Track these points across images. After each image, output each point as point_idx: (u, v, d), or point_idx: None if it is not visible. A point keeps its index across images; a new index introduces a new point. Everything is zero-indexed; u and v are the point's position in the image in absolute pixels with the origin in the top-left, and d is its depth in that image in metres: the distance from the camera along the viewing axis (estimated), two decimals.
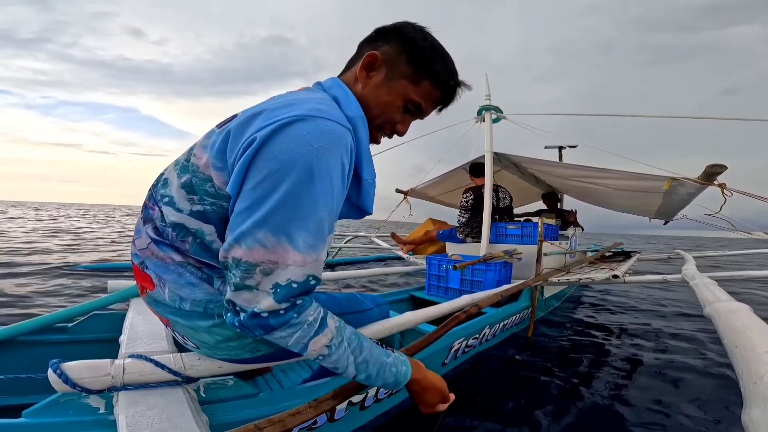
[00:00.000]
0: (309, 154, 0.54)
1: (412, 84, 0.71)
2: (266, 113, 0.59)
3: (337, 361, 0.62)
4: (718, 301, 0.97)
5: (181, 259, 0.66)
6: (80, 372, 0.69)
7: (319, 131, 0.55)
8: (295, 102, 0.60)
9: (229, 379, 0.86)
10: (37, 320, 1.13)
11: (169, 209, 0.66)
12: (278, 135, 0.54)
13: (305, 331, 0.58)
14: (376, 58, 0.70)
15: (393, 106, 0.72)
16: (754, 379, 0.48)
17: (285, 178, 0.53)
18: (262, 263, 0.53)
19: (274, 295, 0.54)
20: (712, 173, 1.95)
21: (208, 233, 0.64)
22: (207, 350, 0.75)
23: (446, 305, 1.37)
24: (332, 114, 0.60)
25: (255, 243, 0.53)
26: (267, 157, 0.54)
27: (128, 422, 0.62)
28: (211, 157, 0.61)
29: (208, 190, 0.62)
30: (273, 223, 0.53)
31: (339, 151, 0.57)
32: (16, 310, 2.29)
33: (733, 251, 3.77)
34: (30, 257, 4.47)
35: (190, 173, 0.64)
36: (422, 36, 0.70)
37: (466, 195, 2.91)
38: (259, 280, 0.54)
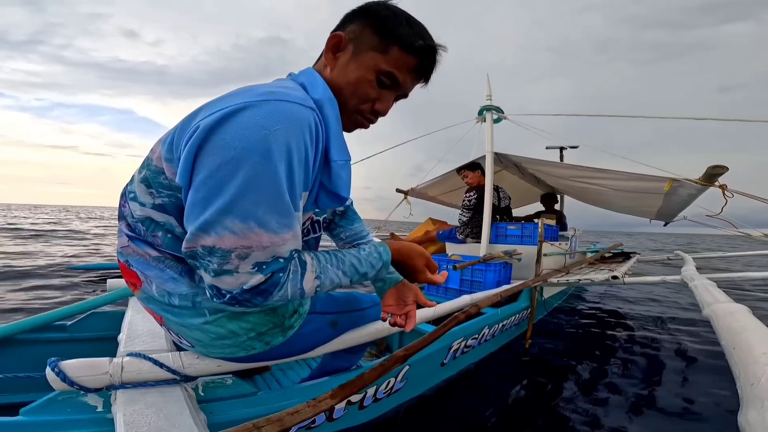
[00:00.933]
0: (266, 138, 0.52)
1: (380, 54, 0.67)
2: (215, 101, 0.57)
3: (332, 283, 0.66)
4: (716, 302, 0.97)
5: (157, 254, 0.66)
6: (78, 370, 0.69)
7: (274, 114, 0.53)
8: (249, 89, 0.58)
9: (227, 378, 0.86)
10: (36, 318, 1.13)
11: (134, 204, 0.66)
12: (228, 122, 0.52)
13: (294, 280, 0.60)
14: (340, 38, 0.67)
15: (364, 81, 0.67)
16: (751, 380, 0.48)
17: (242, 164, 0.52)
18: (235, 249, 0.54)
19: (261, 271, 0.56)
20: (713, 174, 1.94)
21: (175, 225, 0.64)
22: (202, 348, 0.75)
23: (446, 305, 1.37)
24: (290, 95, 0.57)
25: (224, 230, 0.53)
26: (219, 145, 0.52)
27: (126, 420, 0.62)
28: (162, 149, 0.61)
29: (162, 182, 0.61)
30: (239, 209, 0.52)
31: (299, 132, 0.55)
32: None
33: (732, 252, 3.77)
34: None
35: (147, 168, 0.64)
36: (383, 6, 0.68)
37: (470, 194, 2.90)
38: (237, 264, 0.55)
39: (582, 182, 3.00)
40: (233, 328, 0.70)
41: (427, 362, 1.35)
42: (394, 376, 1.16)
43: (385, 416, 1.20)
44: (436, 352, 1.37)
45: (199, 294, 0.66)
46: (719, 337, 0.75)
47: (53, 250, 5.49)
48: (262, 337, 0.74)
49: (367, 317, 1.00)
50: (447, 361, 1.47)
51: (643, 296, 3.83)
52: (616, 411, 1.40)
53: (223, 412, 0.80)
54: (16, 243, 6.17)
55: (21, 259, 4.40)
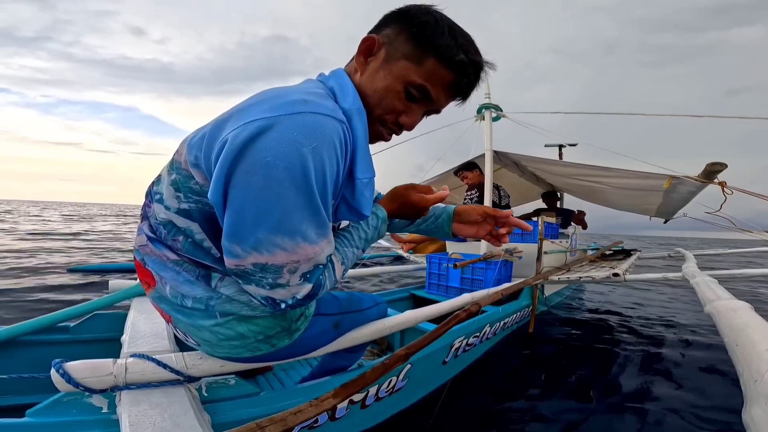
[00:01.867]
0: (305, 156, 0.51)
1: (413, 64, 0.61)
2: (244, 111, 0.55)
3: (351, 261, 0.71)
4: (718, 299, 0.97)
5: (176, 258, 0.66)
6: (83, 371, 0.69)
7: (308, 128, 0.52)
8: (279, 95, 0.56)
9: (230, 378, 0.86)
10: (39, 320, 1.14)
11: (159, 207, 0.65)
12: (264, 138, 0.51)
13: (331, 277, 0.65)
14: (374, 42, 0.63)
15: (392, 91, 0.63)
16: (754, 377, 0.48)
17: (286, 183, 0.51)
18: (287, 264, 0.56)
19: (308, 281, 0.60)
20: (712, 171, 1.95)
21: (197, 231, 0.64)
22: (208, 348, 0.75)
23: (447, 304, 1.37)
24: (321, 106, 0.55)
25: (276, 248, 0.54)
26: (260, 164, 0.51)
27: (131, 421, 0.62)
28: (189, 154, 0.60)
29: (192, 187, 0.61)
30: (287, 227, 0.54)
31: (332, 147, 0.54)
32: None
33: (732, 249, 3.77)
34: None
35: (176, 171, 0.63)
36: (425, 10, 0.62)
37: (471, 192, 2.90)
38: (288, 278, 0.57)
39: (581, 180, 3.00)
40: (242, 331, 0.70)
41: (429, 361, 1.35)
42: (395, 375, 1.16)
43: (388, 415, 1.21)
44: (438, 350, 1.37)
45: (213, 298, 0.67)
46: (722, 334, 0.75)
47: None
48: (269, 340, 0.74)
49: (367, 317, 1.01)
50: (449, 360, 1.48)
51: (644, 293, 3.83)
52: (618, 408, 1.40)
53: (227, 413, 0.80)
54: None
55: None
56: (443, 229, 0.91)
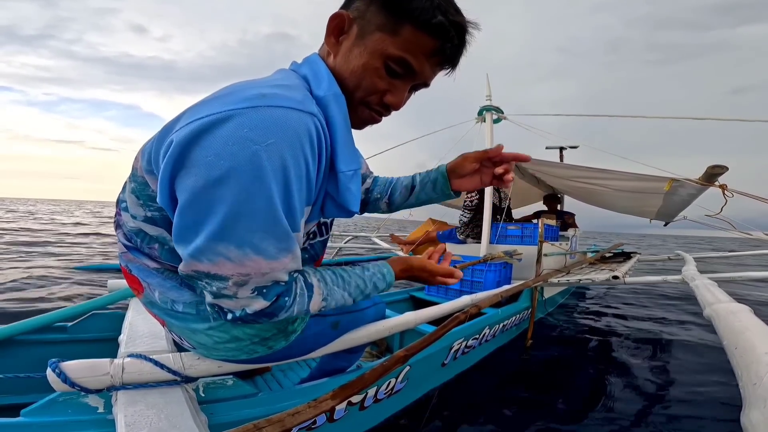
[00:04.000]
0: (257, 154, 0.45)
1: (389, 35, 0.55)
2: (198, 107, 0.50)
3: (336, 303, 0.66)
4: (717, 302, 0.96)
5: (155, 266, 0.65)
6: (79, 371, 0.69)
7: (265, 124, 0.46)
8: (238, 89, 0.50)
9: (228, 379, 0.86)
10: (37, 319, 1.13)
11: (126, 215, 0.63)
12: (209, 136, 0.46)
13: (301, 303, 0.59)
14: (343, 18, 0.57)
15: (370, 69, 0.57)
16: (753, 380, 0.48)
17: (231, 186, 0.46)
18: (232, 276, 0.50)
19: (263, 296, 0.53)
20: (713, 174, 1.94)
21: (169, 239, 0.60)
22: (204, 351, 0.74)
23: (446, 305, 1.37)
24: (283, 98, 0.49)
25: (218, 257, 0.49)
26: (202, 164, 0.46)
27: (127, 421, 0.62)
28: (143, 160, 0.57)
29: (150, 194, 0.57)
30: (232, 235, 0.48)
31: (296, 144, 0.48)
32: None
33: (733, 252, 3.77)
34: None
35: (133, 178, 0.61)
36: None
37: (471, 195, 2.90)
38: (236, 291, 0.52)
39: (582, 182, 3.00)
40: (237, 334, 0.69)
41: (428, 363, 1.35)
42: (394, 377, 1.15)
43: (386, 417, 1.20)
44: (437, 352, 1.37)
45: (202, 302, 0.65)
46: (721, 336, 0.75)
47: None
48: (265, 342, 0.73)
49: (366, 317, 1.00)
50: (448, 362, 1.47)
51: (643, 296, 3.83)
52: (616, 411, 1.40)
53: (224, 413, 0.79)
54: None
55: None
56: (444, 192, 0.85)
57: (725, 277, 1.90)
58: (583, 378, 1.71)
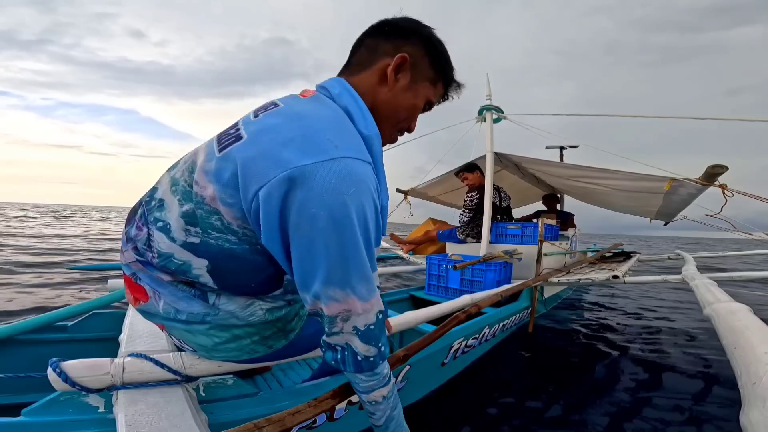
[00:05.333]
0: (344, 204, 0.52)
1: (432, 86, 0.72)
2: (277, 152, 0.53)
3: (378, 410, 0.67)
4: (717, 301, 0.97)
5: (170, 279, 0.66)
6: (80, 371, 0.69)
7: (346, 176, 0.52)
8: (306, 136, 0.54)
9: (228, 378, 0.86)
10: (37, 319, 1.14)
11: (161, 236, 0.62)
12: (304, 189, 0.51)
13: (379, 382, 0.64)
14: (406, 60, 0.67)
15: (416, 109, 0.72)
16: (753, 380, 0.48)
17: (331, 234, 0.52)
18: (339, 314, 0.57)
19: (359, 336, 0.59)
20: (713, 174, 1.94)
21: (196, 267, 0.62)
22: (205, 353, 0.75)
23: (446, 305, 1.37)
24: (351, 148, 0.56)
25: (329, 300, 0.56)
26: (306, 216, 0.51)
27: (127, 421, 0.62)
28: (218, 190, 0.57)
29: (214, 223, 0.59)
30: (336, 279, 0.55)
31: (368, 192, 0.56)
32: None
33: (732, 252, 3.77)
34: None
35: (194, 203, 0.60)
36: (437, 38, 0.71)
37: (472, 194, 2.90)
38: (342, 326, 0.58)
39: (582, 182, 3.00)
40: (238, 333, 0.70)
41: (428, 362, 1.35)
42: (394, 376, 1.15)
43: None
44: (437, 352, 1.37)
45: (210, 314, 0.67)
46: (720, 336, 0.75)
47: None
48: (265, 342, 0.74)
49: None
50: (447, 361, 1.47)
51: (643, 295, 3.83)
52: (615, 410, 1.40)
53: (225, 413, 0.79)
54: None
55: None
56: None
57: (725, 276, 1.91)
58: (581, 377, 1.71)
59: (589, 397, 1.51)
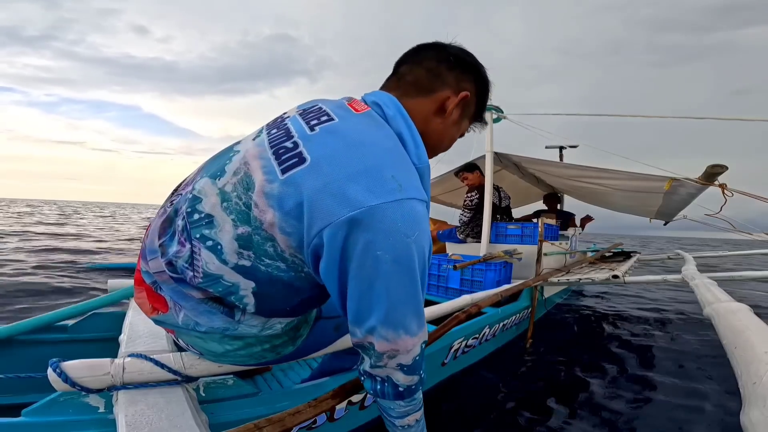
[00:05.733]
0: (409, 247, 0.54)
1: (469, 121, 0.78)
2: (345, 187, 0.52)
3: (417, 428, 0.68)
4: (717, 301, 0.97)
5: (201, 297, 0.64)
6: (80, 371, 0.69)
7: (410, 218, 0.54)
8: (371, 168, 0.54)
9: (228, 379, 0.86)
10: (37, 319, 1.13)
11: (211, 256, 0.58)
12: (372, 227, 0.51)
13: (414, 407, 0.66)
14: (467, 98, 0.71)
15: (455, 140, 0.78)
16: (753, 379, 0.48)
17: (394, 276, 0.54)
18: (387, 352, 0.58)
19: (404, 371, 0.61)
20: (712, 173, 1.94)
21: (243, 288, 0.61)
22: (213, 358, 0.75)
23: (446, 305, 1.37)
24: (413, 188, 0.56)
25: (380, 338, 0.57)
26: (371, 257, 0.52)
27: (128, 421, 0.62)
28: (279, 218, 0.55)
29: (268, 250, 0.57)
30: (392, 320, 0.56)
31: (427, 233, 0.58)
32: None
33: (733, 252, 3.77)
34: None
35: (251, 227, 0.57)
36: (488, 81, 0.76)
37: (471, 194, 2.89)
38: (386, 362, 0.60)
39: (582, 182, 3.00)
40: (251, 341, 0.70)
41: (428, 362, 1.33)
42: None
43: None
44: (437, 352, 1.37)
45: (230, 329, 0.66)
46: (720, 336, 0.75)
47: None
48: (275, 349, 0.74)
49: None
50: (447, 361, 1.47)
51: (643, 295, 3.83)
52: (616, 410, 1.40)
53: (225, 413, 0.79)
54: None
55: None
56: None
57: (725, 276, 1.91)
58: (582, 377, 1.71)
59: (589, 396, 1.51)
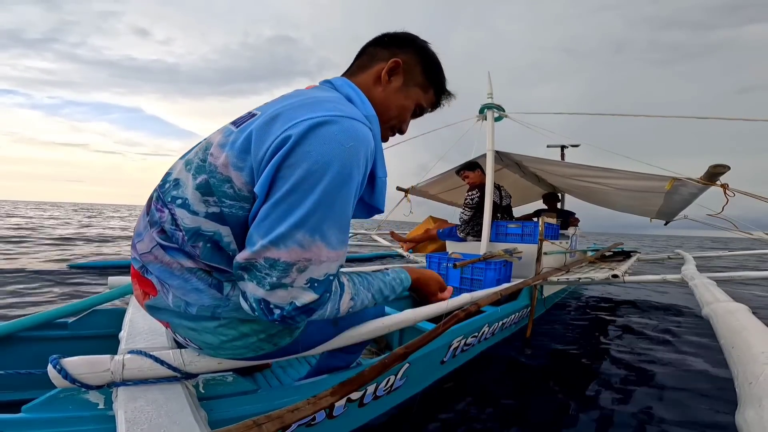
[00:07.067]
0: (342, 155, 0.55)
1: (422, 92, 0.81)
2: (290, 113, 0.59)
3: (362, 304, 0.72)
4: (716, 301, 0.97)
5: (190, 265, 0.65)
6: (80, 367, 0.69)
7: (348, 131, 0.57)
8: (315, 102, 0.61)
9: (228, 376, 0.86)
10: (37, 316, 1.14)
11: (183, 212, 0.62)
12: (311, 136, 0.55)
13: (334, 300, 0.65)
14: (399, 65, 0.76)
15: (407, 109, 0.80)
16: (749, 379, 0.48)
17: (321, 180, 0.54)
18: (298, 262, 0.56)
19: (314, 289, 0.59)
20: (714, 173, 1.94)
21: (225, 235, 0.62)
22: (211, 351, 0.75)
23: (445, 303, 1.37)
24: (354, 113, 0.62)
25: (293, 244, 0.55)
26: (301, 159, 0.54)
27: (127, 418, 0.63)
28: (231, 156, 0.59)
29: (227, 191, 0.60)
30: (310, 224, 0.55)
31: (364, 151, 0.59)
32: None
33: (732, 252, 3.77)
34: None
35: (207, 173, 0.61)
36: (431, 51, 0.80)
37: (472, 192, 2.89)
38: (294, 278, 0.57)
39: (583, 181, 3.00)
40: (245, 330, 0.70)
41: (427, 360, 1.35)
42: (394, 374, 1.16)
43: (385, 414, 1.21)
44: (436, 350, 1.37)
45: (221, 306, 0.66)
46: (718, 335, 0.75)
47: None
48: (272, 339, 0.74)
49: (367, 314, 1.00)
50: (447, 359, 1.48)
51: (642, 295, 3.83)
52: (614, 409, 1.40)
53: (224, 410, 0.80)
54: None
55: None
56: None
57: (724, 276, 1.91)
58: (580, 376, 1.72)
59: (588, 395, 1.51)
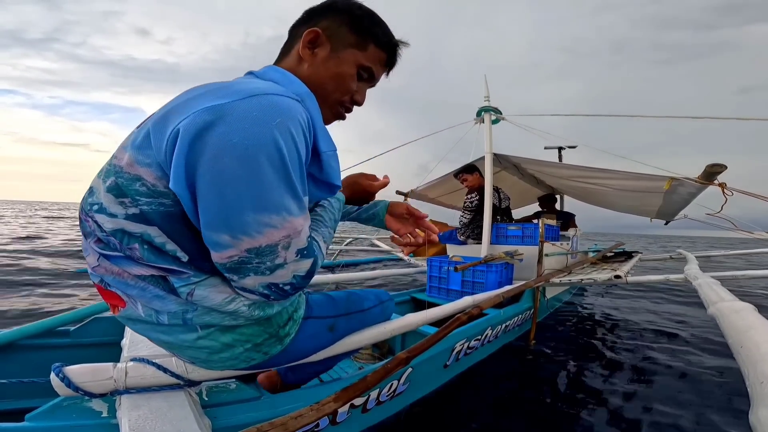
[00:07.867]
0: (271, 131, 0.51)
1: (359, 50, 0.72)
2: (195, 100, 0.53)
3: (326, 240, 0.73)
4: (721, 300, 0.96)
5: (141, 272, 0.60)
6: (83, 375, 0.69)
7: (268, 107, 0.52)
8: (225, 86, 0.55)
9: (231, 383, 0.86)
10: (39, 324, 1.13)
11: (101, 216, 0.59)
12: (222, 122, 0.50)
13: (319, 252, 0.66)
14: (317, 34, 0.69)
15: (347, 75, 0.72)
16: (760, 378, 0.48)
17: (259, 161, 0.51)
18: (279, 241, 0.56)
19: (305, 256, 0.60)
20: (711, 173, 1.94)
21: (155, 235, 0.58)
22: (203, 365, 0.73)
23: (448, 307, 1.36)
24: (276, 89, 0.57)
25: (265, 227, 0.54)
26: (227, 147, 0.50)
27: (131, 426, 0.62)
28: (132, 154, 0.56)
29: (139, 189, 0.56)
30: (270, 203, 0.53)
31: (296, 121, 0.55)
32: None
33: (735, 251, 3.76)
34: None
35: (114, 175, 0.58)
36: (356, 5, 0.72)
37: (471, 195, 2.89)
38: (285, 256, 0.57)
39: (582, 182, 3.00)
40: (227, 341, 0.68)
41: (430, 364, 1.34)
42: (396, 379, 1.15)
43: (389, 420, 1.20)
44: (439, 353, 1.37)
45: (189, 311, 0.63)
46: (725, 335, 0.75)
47: None
48: (259, 348, 0.72)
49: (370, 317, 0.99)
50: (450, 363, 1.47)
51: (645, 295, 3.82)
52: (620, 410, 1.39)
53: (227, 417, 0.79)
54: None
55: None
56: (379, 217, 1.00)
57: (728, 275, 1.90)
58: (585, 378, 1.71)
59: (593, 397, 1.50)
